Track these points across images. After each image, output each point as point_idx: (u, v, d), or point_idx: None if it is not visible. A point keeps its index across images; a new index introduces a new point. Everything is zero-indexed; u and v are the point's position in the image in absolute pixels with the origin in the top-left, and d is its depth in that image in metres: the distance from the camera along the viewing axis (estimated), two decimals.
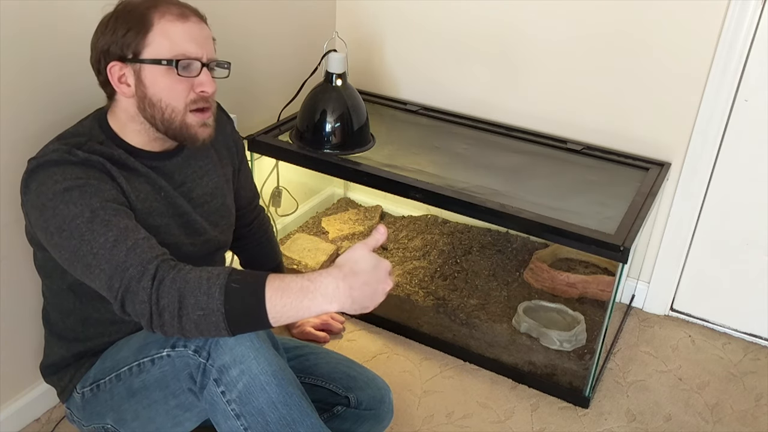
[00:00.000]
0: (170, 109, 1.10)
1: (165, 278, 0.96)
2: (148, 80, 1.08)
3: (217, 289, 0.94)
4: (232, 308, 0.94)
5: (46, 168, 1.04)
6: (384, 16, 2.10)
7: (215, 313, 0.94)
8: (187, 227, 1.21)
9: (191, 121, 1.12)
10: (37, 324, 1.36)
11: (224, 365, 1.03)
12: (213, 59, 1.13)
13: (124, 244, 0.99)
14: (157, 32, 1.07)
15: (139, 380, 1.12)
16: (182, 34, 1.08)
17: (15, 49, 1.24)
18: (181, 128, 1.12)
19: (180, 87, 1.09)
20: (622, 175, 1.78)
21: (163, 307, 0.95)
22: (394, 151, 1.80)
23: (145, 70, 1.08)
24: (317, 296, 0.95)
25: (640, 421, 1.61)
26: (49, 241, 1.04)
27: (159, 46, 1.07)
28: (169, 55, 1.07)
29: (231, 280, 0.95)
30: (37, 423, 1.50)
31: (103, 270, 0.99)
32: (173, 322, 0.95)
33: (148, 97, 1.09)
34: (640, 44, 1.77)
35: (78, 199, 1.02)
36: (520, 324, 1.80)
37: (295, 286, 0.95)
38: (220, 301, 0.94)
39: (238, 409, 1.03)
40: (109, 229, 1.00)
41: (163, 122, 1.11)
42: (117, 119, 1.14)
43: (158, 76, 1.08)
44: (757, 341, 1.92)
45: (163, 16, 1.07)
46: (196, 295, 0.94)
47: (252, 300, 0.94)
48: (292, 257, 2.04)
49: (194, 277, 0.96)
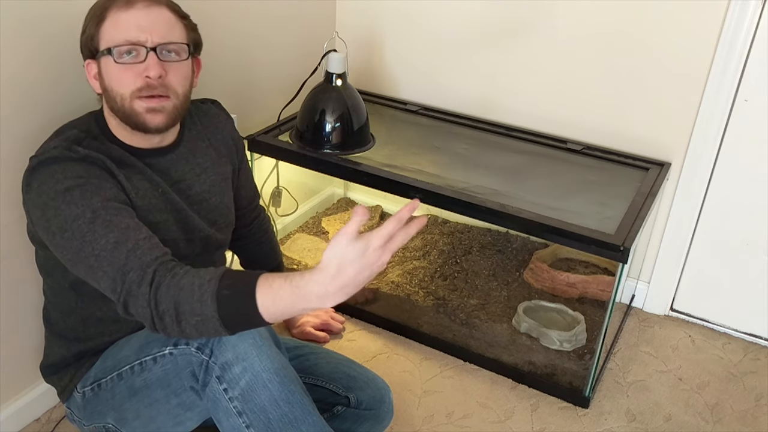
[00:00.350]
0: (119, 97, 1.09)
1: (161, 284, 0.96)
2: (103, 71, 1.10)
3: (209, 296, 0.94)
4: (226, 314, 0.94)
5: (47, 166, 1.05)
6: (384, 16, 2.10)
7: (211, 320, 0.94)
8: (185, 224, 1.21)
9: (138, 108, 1.09)
10: (37, 324, 1.36)
11: (227, 362, 1.03)
12: (164, 43, 1.09)
13: (125, 246, 0.99)
14: (107, 24, 1.08)
15: (140, 379, 1.13)
16: (126, 22, 1.07)
17: (15, 49, 1.24)
18: (130, 115, 1.10)
19: (125, 75, 1.08)
20: (622, 175, 1.78)
21: (163, 312, 0.96)
22: (394, 151, 1.80)
23: (101, 62, 1.09)
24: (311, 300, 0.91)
25: (640, 421, 1.61)
26: (51, 241, 1.05)
27: (108, 37, 1.08)
28: (114, 44, 1.07)
29: (222, 286, 0.94)
30: (37, 423, 1.50)
31: (106, 272, 0.99)
32: (173, 326, 0.96)
33: (106, 89, 1.11)
34: (640, 44, 1.77)
35: (79, 199, 1.02)
36: (520, 324, 1.80)
37: (285, 294, 0.92)
38: (213, 309, 0.94)
39: (240, 407, 1.03)
40: (110, 230, 1.01)
41: (117, 111, 1.11)
42: (108, 115, 1.15)
43: (109, 66, 1.09)
44: (757, 341, 1.92)
45: (112, 8, 1.08)
46: (190, 302, 0.94)
47: (244, 308, 0.94)
48: (292, 257, 2.04)
49: (187, 283, 0.95)
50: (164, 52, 1.09)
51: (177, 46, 1.11)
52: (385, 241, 0.89)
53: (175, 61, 1.11)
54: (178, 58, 1.12)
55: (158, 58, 1.08)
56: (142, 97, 1.09)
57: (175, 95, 1.12)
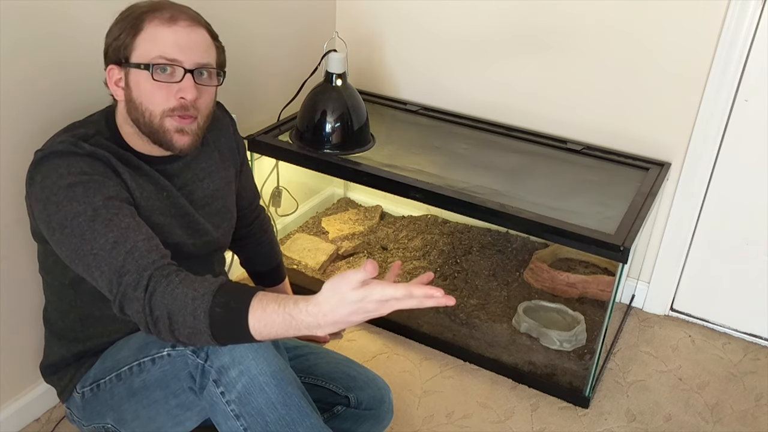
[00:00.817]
0: (148, 113, 1.09)
1: (156, 290, 0.96)
2: (133, 83, 1.08)
3: (202, 312, 0.94)
4: (217, 331, 0.94)
5: (51, 159, 1.05)
6: (384, 16, 2.10)
7: (203, 334, 0.95)
8: (189, 228, 1.21)
9: (168, 126, 1.10)
10: (37, 324, 1.36)
11: (223, 366, 1.03)
12: (201, 65, 1.09)
13: (123, 247, 0.99)
14: (144, 36, 1.06)
15: (139, 380, 1.13)
16: (167, 39, 1.06)
17: (17, 50, 1.24)
18: (158, 132, 1.10)
19: (160, 92, 1.08)
20: (622, 175, 1.78)
21: (157, 318, 0.96)
22: (394, 151, 1.80)
23: (132, 73, 1.08)
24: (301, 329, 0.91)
25: (640, 421, 1.61)
26: (51, 236, 1.05)
27: (144, 50, 1.07)
28: (149, 59, 1.06)
29: (215, 303, 0.94)
30: (37, 423, 1.50)
31: (103, 272, 0.99)
32: (167, 332, 0.96)
33: (132, 100, 1.09)
34: (640, 44, 1.77)
35: (81, 196, 1.02)
36: (520, 324, 1.80)
37: (278, 321, 0.91)
38: (206, 324, 0.94)
39: (237, 410, 1.03)
40: (110, 229, 1.00)
41: (144, 125, 1.10)
42: (119, 121, 1.15)
43: (141, 79, 1.08)
44: (757, 341, 1.92)
45: (153, 20, 1.06)
46: (183, 314, 0.95)
47: (236, 328, 0.94)
48: (292, 257, 2.04)
49: (181, 294, 0.95)
50: (199, 74, 1.10)
51: (211, 70, 1.12)
52: (386, 299, 0.88)
53: (207, 85, 1.12)
54: (209, 81, 1.13)
55: (194, 80, 1.09)
56: (174, 117, 1.09)
57: (202, 117, 1.14)
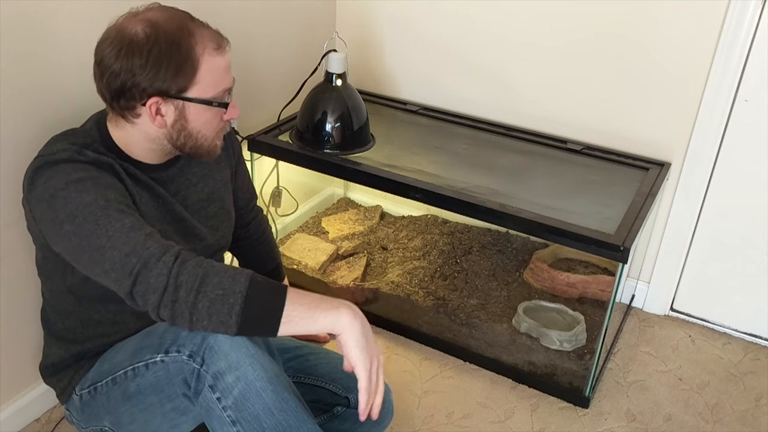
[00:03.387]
0: (202, 137, 1.12)
1: (189, 260, 0.97)
2: (191, 116, 1.09)
3: (243, 276, 0.97)
4: (253, 295, 0.96)
5: (54, 164, 1.04)
6: (384, 16, 2.10)
7: (235, 295, 0.95)
8: (186, 233, 1.21)
9: (218, 142, 1.16)
10: (37, 324, 1.36)
11: (219, 371, 1.02)
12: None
13: (142, 231, 0.99)
14: (204, 71, 1.06)
15: (134, 384, 1.12)
16: (222, 68, 1.09)
17: (15, 50, 1.24)
18: (208, 150, 1.15)
19: (218, 119, 1.12)
20: (622, 175, 1.78)
21: (182, 283, 0.95)
22: (394, 151, 1.80)
23: (191, 107, 1.08)
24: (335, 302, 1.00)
25: (640, 421, 1.61)
26: (58, 231, 1.02)
27: (207, 85, 1.07)
28: (214, 93, 1.09)
29: (256, 275, 0.99)
30: (37, 423, 1.50)
31: (119, 250, 0.97)
32: (188, 297, 0.95)
33: (186, 130, 1.10)
34: (639, 45, 1.77)
35: (92, 188, 1.01)
36: (520, 324, 1.80)
37: (313, 294, 1.01)
38: (244, 286, 0.96)
39: (234, 416, 1.03)
40: (125, 216, 1.00)
41: (192, 147, 1.13)
42: (125, 135, 1.12)
43: (202, 112, 1.09)
44: (757, 341, 1.92)
45: (205, 50, 1.05)
46: (220, 276, 0.96)
47: (274, 293, 0.98)
48: (292, 257, 2.04)
49: (219, 264, 0.99)
50: None
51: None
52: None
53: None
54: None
55: None
56: (221, 133, 1.16)
57: None
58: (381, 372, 1.05)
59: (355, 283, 1.95)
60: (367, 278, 2.00)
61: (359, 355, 0.99)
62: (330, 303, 1.00)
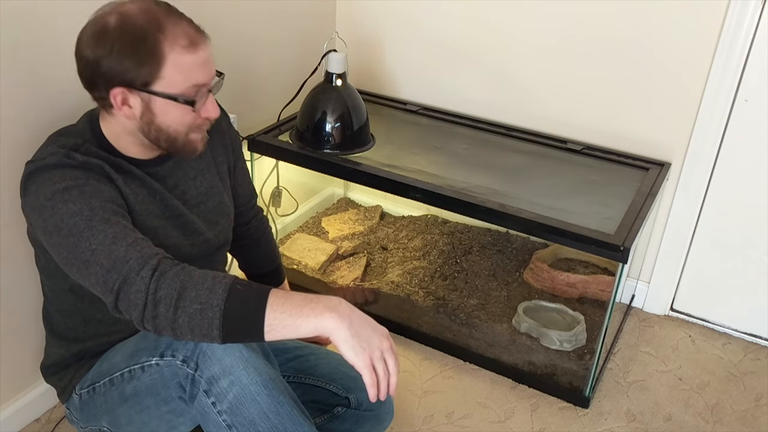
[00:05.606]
0: (173, 131, 1.09)
1: (167, 272, 0.95)
2: (158, 110, 1.06)
3: (221, 287, 0.93)
4: (231, 307, 0.93)
5: (44, 171, 1.04)
6: (384, 16, 2.10)
7: (213, 309, 0.92)
8: (185, 228, 1.21)
9: (193, 138, 1.12)
10: (37, 324, 1.36)
11: (213, 376, 1.02)
12: (214, 80, 1.11)
13: (124, 241, 0.98)
14: (170, 66, 1.03)
15: (130, 386, 1.12)
16: (193, 65, 1.05)
17: (14, 51, 1.24)
18: (182, 145, 1.11)
19: (189, 116, 1.09)
20: (622, 175, 1.78)
21: (160, 299, 0.93)
22: (394, 151, 1.80)
23: (156, 101, 1.05)
24: (318, 306, 0.94)
25: (640, 421, 1.61)
26: (48, 241, 1.03)
27: (172, 80, 1.04)
28: (181, 89, 1.05)
29: (236, 282, 0.95)
30: (37, 423, 1.50)
31: (101, 265, 0.97)
32: (167, 314, 0.93)
33: (155, 124, 1.08)
34: (639, 44, 1.77)
35: (77, 198, 1.01)
36: (520, 324, 1.80)
37: (298, 297, 0.95)
38: (222, 298, 0.92)
39: (229, 420, 1.03)
40: (109, 225, 0.99)
41: (164, 141, 1.10)
42: (111, 129, 1.12)
43: (170, 108, 1.06)
44: (757, 341, 1.92)
45: (174, 47, 1.03)
46: (198, 288, 0.93)
47: (254, 303, 0.93)
48: (292, 257, 2.04)
49: (199, 274, 0.95)
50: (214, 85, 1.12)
51: (220, 74, 1.13)
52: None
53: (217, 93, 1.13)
54: (218, 89, 1.14)
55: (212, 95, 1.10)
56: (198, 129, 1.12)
57: None
58: (389, 357, 0.98)
59: (355, 283, 1.95)
60: (367, 278, 2.00)
61: (354, 356, 0.96)
62: (313, 308, 0.94)
